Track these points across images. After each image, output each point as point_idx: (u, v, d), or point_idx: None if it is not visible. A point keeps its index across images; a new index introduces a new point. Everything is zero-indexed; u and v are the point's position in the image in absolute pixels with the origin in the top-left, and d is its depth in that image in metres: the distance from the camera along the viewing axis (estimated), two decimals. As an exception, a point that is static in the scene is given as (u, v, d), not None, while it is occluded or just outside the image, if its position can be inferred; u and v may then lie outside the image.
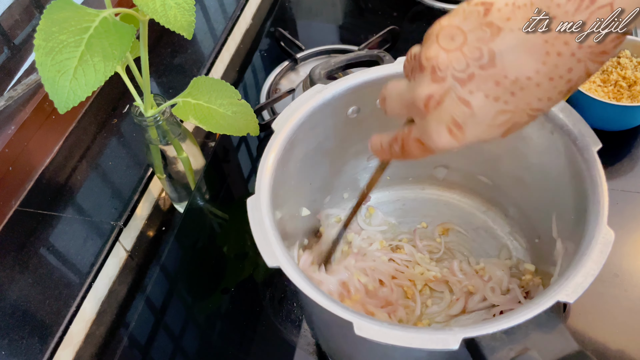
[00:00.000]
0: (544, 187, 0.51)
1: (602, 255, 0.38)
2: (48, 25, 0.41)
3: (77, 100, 0.42)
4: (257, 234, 0.42)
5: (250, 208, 0.43)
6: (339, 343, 0.48)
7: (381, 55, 0.66)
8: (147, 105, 0.55)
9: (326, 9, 0.98)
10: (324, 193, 0.60)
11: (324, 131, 0.53)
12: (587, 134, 0.45)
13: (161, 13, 0.44)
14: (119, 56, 0.43)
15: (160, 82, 0.79)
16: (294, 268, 0.40)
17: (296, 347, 0.56)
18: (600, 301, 0.55)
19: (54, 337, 0.55)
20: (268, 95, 0.81)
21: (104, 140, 0.72)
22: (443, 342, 0.35)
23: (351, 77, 0.52)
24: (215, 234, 0.70)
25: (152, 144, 0.60)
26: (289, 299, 0.59)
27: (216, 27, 0.86)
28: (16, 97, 0.65)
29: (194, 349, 0.58)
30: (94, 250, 0.61)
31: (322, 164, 0.57)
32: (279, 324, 0.57)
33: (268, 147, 0.48)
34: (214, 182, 0.72)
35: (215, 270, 0.64)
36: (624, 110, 0.65)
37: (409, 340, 0.35)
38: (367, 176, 0.62)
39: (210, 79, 0.55)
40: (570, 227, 0.46)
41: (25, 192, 0.65)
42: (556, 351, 0.35)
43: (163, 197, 0.72)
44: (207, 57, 0.82)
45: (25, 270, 0.59)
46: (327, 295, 0.39)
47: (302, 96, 0.51)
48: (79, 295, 0.58)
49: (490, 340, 0.35)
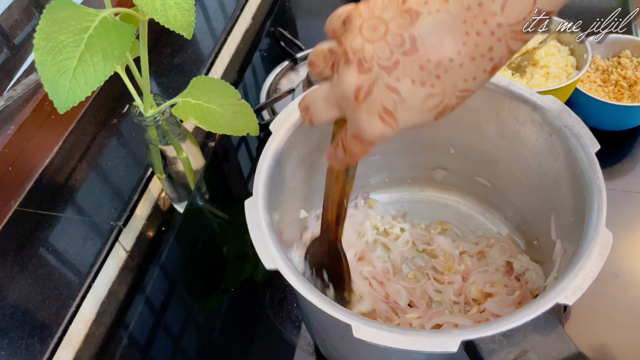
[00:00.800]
0: (543, 189, 0.51)
1: (601, 257, 0.38)
2: (48, 25, 0.41)
3: (76, 100, 0.42)
4: (255, 236, 0.42)
5: (248, 210, 0.43)
6: (337, 346, 0.47)
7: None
8: (146, 105, 0.55)
9: (326, 9, 0.98)
10: (322, 195, 0.59)
11: (321, 133, 0.53)
12: (585, 135, 0.45)
13: (161, 13, 0.44)
14: (119, 56, 0.43)
15: (160, 82, 0.79)
16: (292, 271, 0.40)
17: (296, 347, 0.56)
18: (600, 301, 0.55)
19: (53, 337, 0.55)
20: (268, 95, 0.81)
21: (103, 140, 0.72)
22: (442, 344, 0.35)
23: None
24: (215, 234, 0.70)
25: (152, 144, 0.60)
26: (288, 299, 0.59)
27: (216, 27, 0.86)
28: (16, 97, 0.65)
29: (194, 349, 0.58)
30: (94, 250, 0.61)
31: (320, 165, 0.56)
32: (279, 324, 0.57)
33: (266, 149, 0.48)
34: (214, 182, 0.72)
35: (215, 270, 0.64)
36: (625, 110, 0.65)
37: (408, 343, 0.35)
38: (364, 177, 0.62)
39: (210, 79, 0.55)
40: (569, 229, 0.46)
41: (25, 192, 0.65)
42: (555, 354, 0.34)
43: (163, 197, 0.72)
44: (207, 57, 0.82)
45: (25, 270, 0.59)
46: (325, 298, 0.38)
47: (300, 97, 0.51)
48: (79, 295, 0.58)
49: (489, 343, 0.35)
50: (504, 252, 0.56)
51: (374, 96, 0.33)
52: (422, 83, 0.32)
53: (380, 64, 0.32)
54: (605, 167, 0.43)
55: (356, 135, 0.36)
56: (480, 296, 0.54)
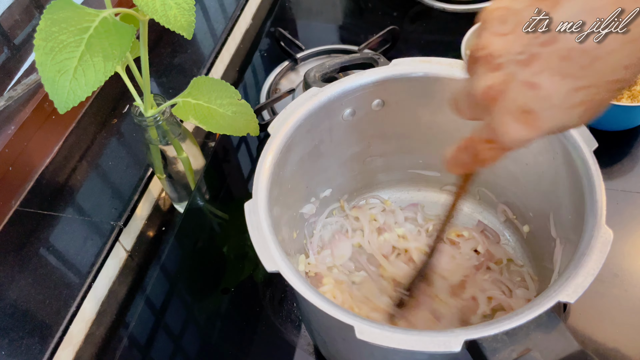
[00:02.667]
0: (541, 188, 0.51)
1: (601, 254, 0.38)
2: (48, 25, 0.41)
3: (77, 100, 0.42)
4: (255, 238, 0.42)
5: (248, 212, 0.43)
6: (338, 347, 0.47)
7: (376, 58, 0.66)
8: (147, 105, 0.55)
9: (326, 9, 0.98)
10: (320, 196, 0.60)
11: (319, 134, 0.53)
12: (582, 133, 0.45)
13: (161, 13, 0.44)
14: (119, 56, 0.43)
15: (160, 82, 0.79)
16: (293, 272, 0.40)
17: (296, 347, 0.56)
18: (600, 301, 0.55)
19: (54, 337, 0.55)
20: (268, 95, 0.81)
21: (104, 140, 0.72)
22: (445, 344, 0.35)
23: (346, 80, 0.52)
24: (215, 234, 0.70)
25: (152, 144, 0.60)
26: (288, 299, 0.59)
27: (216, 27, 0.86)
28: (16, 97, 0.65)
29: (194, 349, 0.58)
30: (94, 250, 0.61)
31: (319, 166, 0.57)
32: (279, 324, 0.57)
33: (265, 150, 0.48)
34: (214, 182, 0.72)
35: (215, 270, 0.64)
36: (624, 110, 0.65)
37: (411, 343, 0.35)
38: (362, 178, 0.62)
39: (210, 79, 0.55)
40: (569, 227, 0.46)
41: (25, 192, 0.65)
42: (557, 351, 0.35)
43: (163, 197, 0.72)
44: (207, 57, 0.82)
45: (25, 270, 0.59)
46: (327, 300, 0.39)
47: (298, 99, 0.51)
48: (79, 295, 0.58)
49: (492, 342, 0.35)
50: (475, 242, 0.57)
51: (510, 95, 0.30)
52: (566, 75, 0.28)
53: (514, 59, 0.29)
54: (604, 167, 0.43)
55: (491, 140, 0.33)
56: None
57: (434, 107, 0.54)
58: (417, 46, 0.87)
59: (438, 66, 0.51)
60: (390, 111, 0.55)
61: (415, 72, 0.52)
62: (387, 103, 0.54)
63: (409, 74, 0.52)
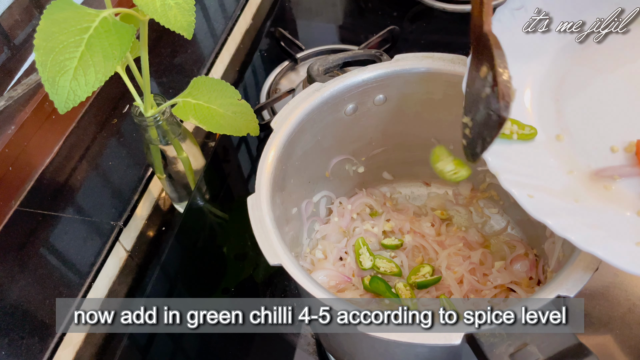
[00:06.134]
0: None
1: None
2: (48, 25, 0.41)
3: (77, 100, 0.42)
4: (258, 232, 0.42)
5: (251, 206, 0.44)
6: (339, 340, 0.48)
7: (378, 55, 0.66)
8: (147, 105, 0.55)
9: (326, 9, 0.98)
10: (323, 191, 0.60)
11: (322, 129, 0.54)
12: None
13: (161, 13, 0.44)
14: (119, 56, 0.43)
15: (160, 82, 0.79)
16: (295, 265, 0.40)
17: (296, 347, 0.56)
18: (600, 301, 0.55)
19: (54, 336, 0.55)
20: (268, 95, 0.81)
21: (104, 140, 0.72)
22: (445, 337, 0.35)
23: (348, 75, 0.52)
24: (215, 234, 0.70)
25: (152, 144, 0.60)
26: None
27: (216, 27, 0.86)
28: (16, 97, 0.65)
29: (194, 349, 0.58)
30: (94, 250, 0.61)
31: (321, 161, 0.57)
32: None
33: (267, 145, 0.48)
34: (214, 182, 0.72)
35: (215, 270, 0.64)
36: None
37: (412, 336, 0.36)
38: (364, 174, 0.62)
39: (210, 79, 0.55)
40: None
41: (25, 192, 0.65)
42: (555, 345, 0.35)
43: (163, 197, 0.72)
44: (207, 57, 0.82)
45: (26, 270, 0.59)
46: (329, 292, 0.39)
47: (301, 95, 0.51)
48: (79, 295, 0.58)
49: (490, 336, 0.35)
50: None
51: None
52: None
53: None
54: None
55: None
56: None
57: (436, 103, 0.54)
58: (417, 46, 0.87)
59: (440, 62, 0.51)
60: (392, 107, 0.55)
61: (417, 68, 0.52)
62: (390, 98, 0.54)
63: (411, 69, 0.52)
